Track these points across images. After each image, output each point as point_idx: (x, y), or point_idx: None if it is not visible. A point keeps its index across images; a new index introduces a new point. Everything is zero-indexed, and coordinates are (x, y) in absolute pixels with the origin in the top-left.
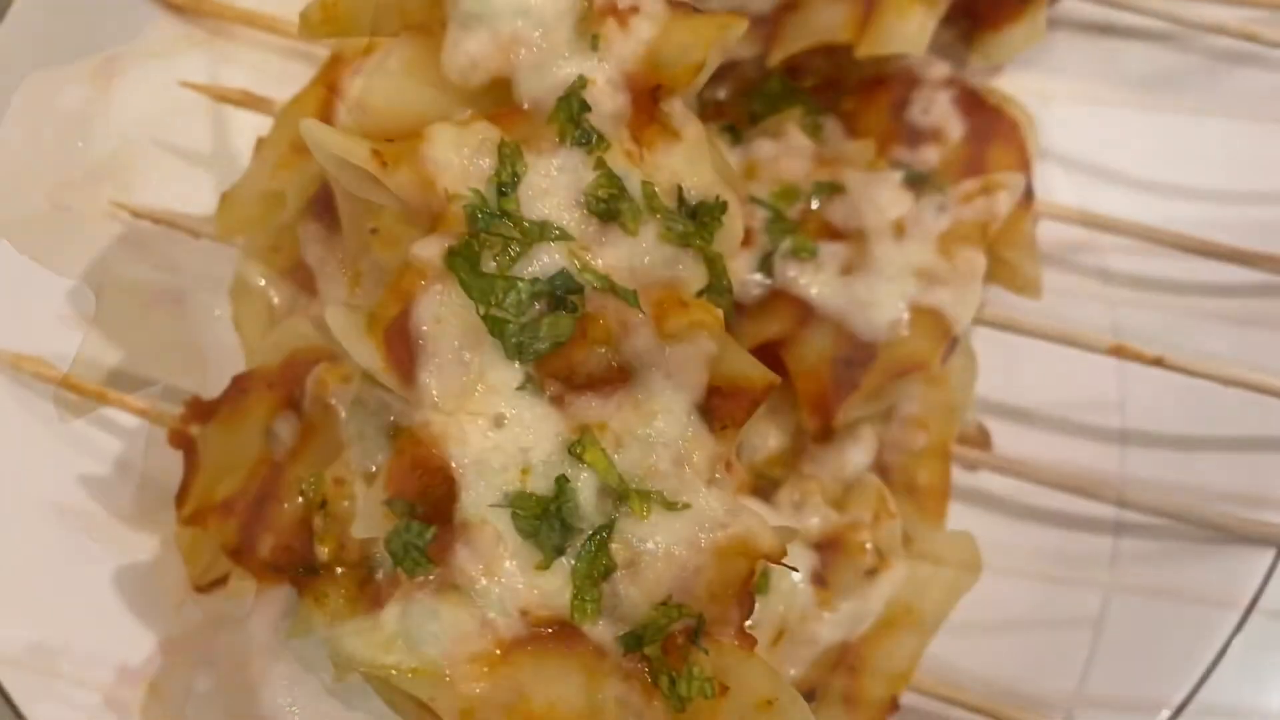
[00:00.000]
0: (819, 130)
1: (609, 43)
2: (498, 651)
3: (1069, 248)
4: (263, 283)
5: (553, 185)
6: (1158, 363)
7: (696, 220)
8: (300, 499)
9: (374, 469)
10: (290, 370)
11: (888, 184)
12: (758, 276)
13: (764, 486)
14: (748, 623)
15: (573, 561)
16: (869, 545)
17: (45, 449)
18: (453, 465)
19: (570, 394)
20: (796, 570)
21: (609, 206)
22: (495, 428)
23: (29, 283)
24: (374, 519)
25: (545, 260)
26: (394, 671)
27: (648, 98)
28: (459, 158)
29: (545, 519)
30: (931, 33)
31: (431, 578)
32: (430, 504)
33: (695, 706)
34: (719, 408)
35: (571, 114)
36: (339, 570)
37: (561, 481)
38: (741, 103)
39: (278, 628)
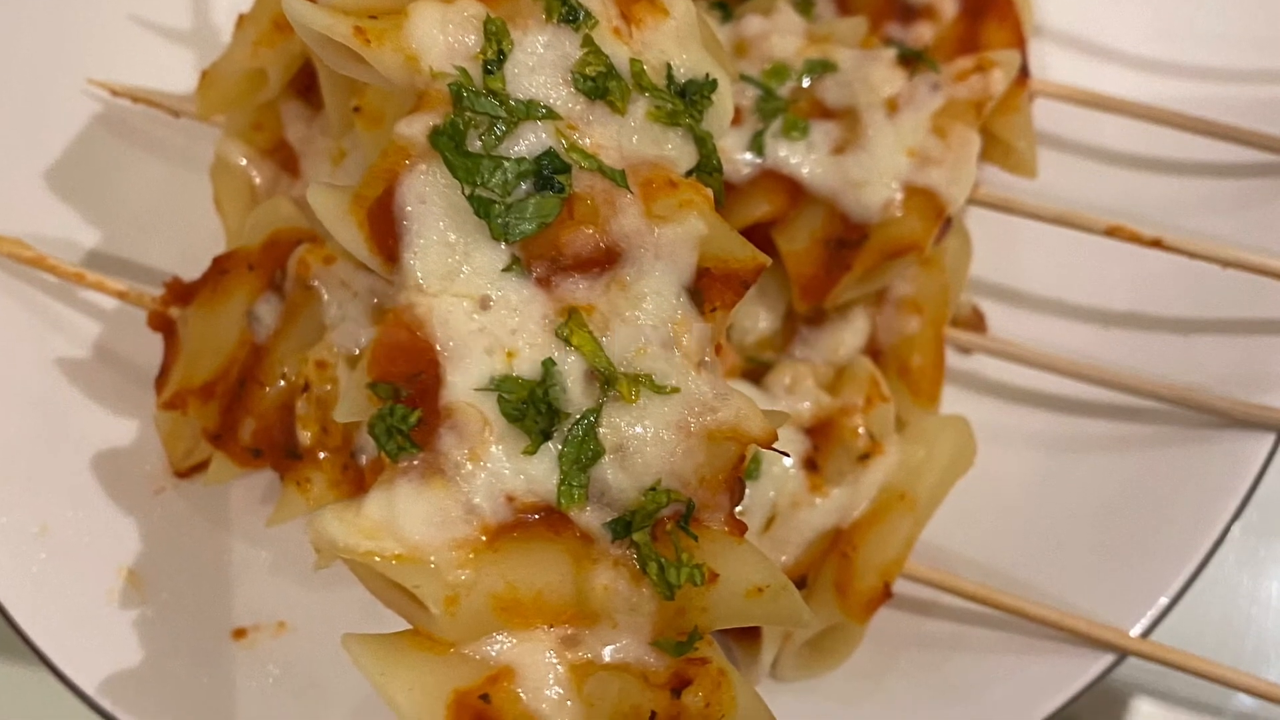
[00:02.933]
0: (810, 7)
1: None
2: (483, 538)
3: (1065, 127)
4: (244, 162)
5: (539, 63)
6: (1156, 244)
7: (686, 99)
8: (282, 382)
9: (357, 351)
10: (272, 251)
11: (880, 62)
12: (748, 156)
13: (754, 370)
14: (738, 508)
15: (560, 446)
16: (861, 430)
17: (21, 331)
18: (437, 348)
19: (557, 276)
20: (787, 455)
21: (597, 85)
22: (481, 310)
23: (5, 163)
24: (357, 402)
25: (532, 139)
26: (377, 558)
27: None
28: (444, 35)
29: (532, 403)
30: None
31: (416, 462)
32: (415, 387)
33: (684, 593)
34: (709, 289)
35: None
36: (321, 455)
37: (548, 364)
38: None
39: (259, 513)
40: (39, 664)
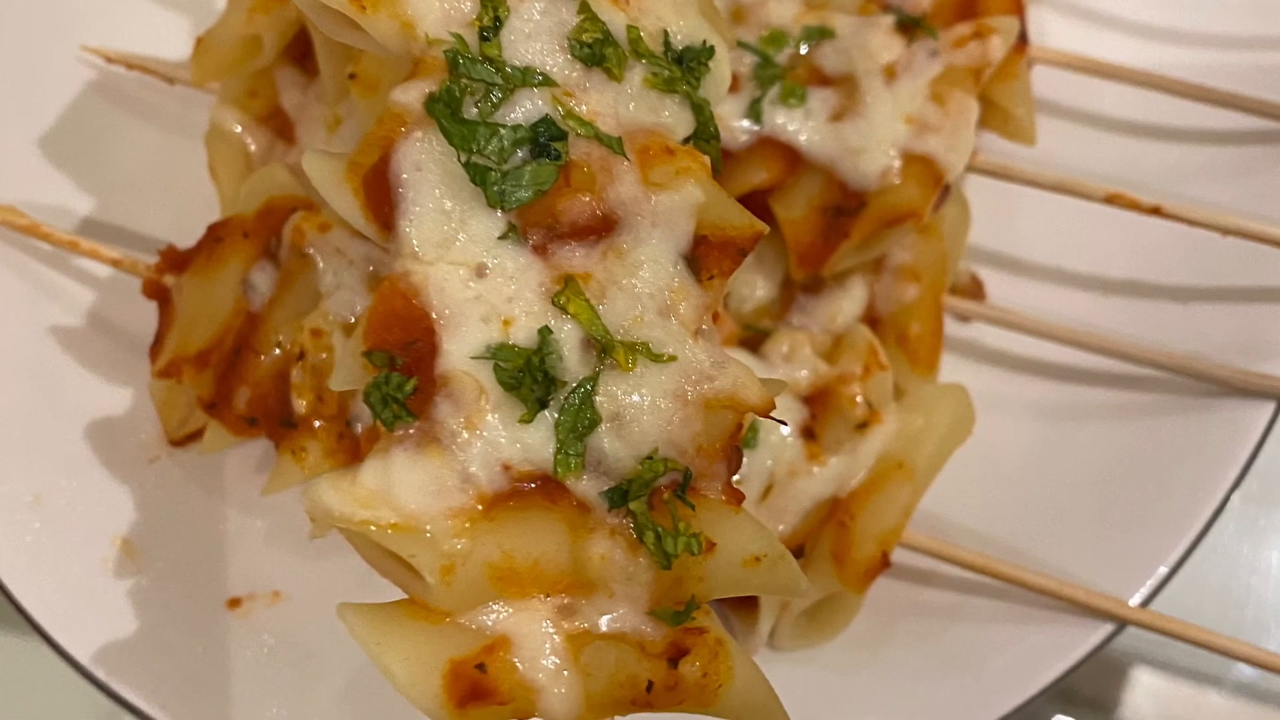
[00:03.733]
0: None
1: None
2: (479, 507)
3: (1064, 94)
4: (239, 129)
5: (536, 30)
6: (1155, 211)
7: (683, 66)
8: (277, 350)
9: (352, 320)
10: (267, 219)
11: (878, 28)
12: (746, 123)
13: (752, 338)
14: (735, 477)
15: (556, 415)
16: (859, 398)
17: (15, 299)
18: (433, 316)
19: (554, 243)
20: (785, 424)
21: (593, 51)
22: (477, 278)
23: None
24: (352, 371)
25: (528, 106)
26: (373, 527)
27: None
28: (439, 1)
29: (528, 371)
30: None
31: (411, 431)
32: (410, 355)
33: (681, 563)
34: (706, 257)
35: None
36: (317, 423)
37: (545, 333)
38: None
39: (254, 482)
40: (33, 633)
